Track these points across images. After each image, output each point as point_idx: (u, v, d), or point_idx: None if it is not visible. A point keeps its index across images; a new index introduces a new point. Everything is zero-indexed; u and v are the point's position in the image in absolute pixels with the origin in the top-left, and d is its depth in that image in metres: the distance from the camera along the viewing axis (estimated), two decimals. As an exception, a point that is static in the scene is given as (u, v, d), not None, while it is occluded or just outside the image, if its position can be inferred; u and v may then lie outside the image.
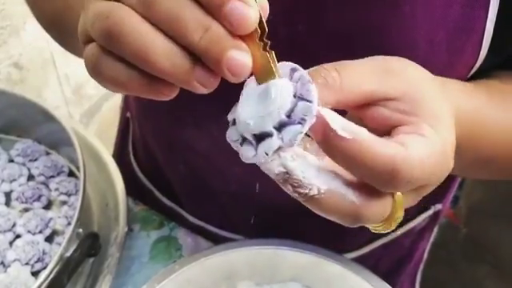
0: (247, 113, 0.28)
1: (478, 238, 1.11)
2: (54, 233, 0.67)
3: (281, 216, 0.62)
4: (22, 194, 0.69)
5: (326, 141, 0.28)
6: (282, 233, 0.64)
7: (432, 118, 0.31)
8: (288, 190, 0.29)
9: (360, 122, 0.33)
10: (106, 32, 0.27)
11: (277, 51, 0.29)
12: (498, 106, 0.45)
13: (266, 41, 0.27)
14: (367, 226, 0.32)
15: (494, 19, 0.44)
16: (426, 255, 0.79)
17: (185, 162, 0.65)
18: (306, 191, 0.28)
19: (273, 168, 0.28)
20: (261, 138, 0.28)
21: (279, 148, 0.28)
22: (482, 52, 0.46)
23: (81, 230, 0.58)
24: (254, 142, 0.28)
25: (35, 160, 0.74)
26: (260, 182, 0.60)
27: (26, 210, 0.68)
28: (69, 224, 0.67)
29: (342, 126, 0.27)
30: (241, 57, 0.26)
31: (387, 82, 0.31)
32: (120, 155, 0.83)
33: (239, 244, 0.60)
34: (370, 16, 0.44)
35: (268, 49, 0.28)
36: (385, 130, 0.32)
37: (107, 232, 0.66)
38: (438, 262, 0.93)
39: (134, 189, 0.76)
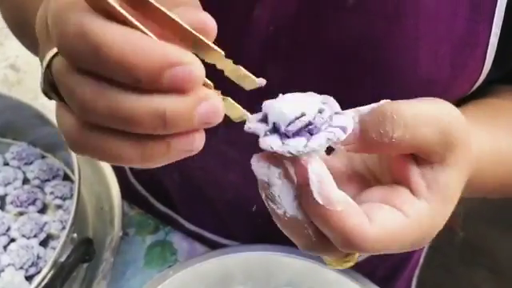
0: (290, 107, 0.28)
1: (475, 242, 1.11)
2: (49, 237, 0.66)
3: (275, 224, 0.61)
4: (16, 197, 0.69)
5: (302, 191, 0.28)
6: (278, 240, 0.64)
7: (440, 200, 0.30)
8: (261, 194, 0.30)
9: (379, 158, 0.33)
10: (76, 153, 0.26)
11: (278, 63, 0.28)
12: (506, 133, 0.45)
13: (227, 60, 0.26)
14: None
15: (499, 33, 0.44)
16: (421, 260, 0.79)
17: (180, 170, 0.65)
18: (274, 207, 0.29)
19: (259, 174, 0.29)
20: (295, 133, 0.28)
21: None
22: (485, 66, 0.46)
23: (75, 235, 0.58)
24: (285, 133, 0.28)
25: (30, 163, 0.74)
26: (256, 191, 0.60)
27: (21, 213, 0.68)
28: (64, 228, 0.66)
29: (319, 189, 0.27)
30: (210, 104, 0.24)
31: (443, 153, 0.30)
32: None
33: (234, 249, 0.60)
34: (372, 29, 0.44)
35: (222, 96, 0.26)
36: (397, 180, 0.31)
37: (102, 236, 0.66)
38: (436, 265, 0.93)
39: (128, 195, 0.75)
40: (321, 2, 0.44)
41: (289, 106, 0.28)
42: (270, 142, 0.28)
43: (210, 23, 0.25)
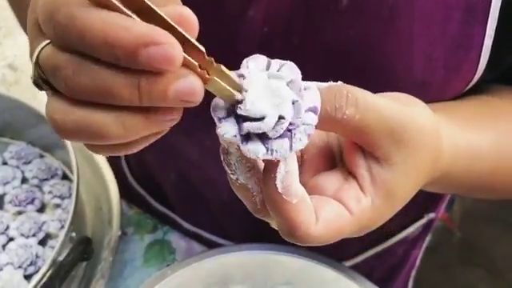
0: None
1: (472, 242, 1.11)
2: (48, 236, 0.66)
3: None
4: (15, 196, 0.69)
5: (266, 175, 0.29)
6: (272, 240, 0.64)
7: (383, 197, 0.32)
8: (221, 156, 0.31)
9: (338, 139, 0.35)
10: (60, 136, 0.27)
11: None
12: (489, 132, 0.46)
13: (208, 58, 0.25)
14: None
15: (493, 35, 0.44)
16: (418, 262, 0.79)
17: (176, 169, 0.65)
18: (228, 171, 0.31)
19: (221, 140, 0.29)
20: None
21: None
22: (479, 68, 0.46)
23: (74, 234, 0.58)
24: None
25: (29, 163, 0.74)
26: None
27: (20, 212, 0.68)
28: (62, 227, 0.66)
29: (282, 177, 0.28)
30: (185, 83, 0.24)
31: (390, 151, 0.31)
32: (113, 160, 0.83)
33: (232, 248, 0.60)
34: (366, 31, 0.44)
35: (216, 65, 0.26)
36: (349, 169, 0.33)
37: (100, 235, 0.66)
38: (433, 265, 0.93)
39: (127, 194, 0.75)
40: (315, 4, 0.44)
41: (263, 110, 0.27)
42: (255, 150, 0.27)
43: (186, 13, 0.25)
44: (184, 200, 0.70)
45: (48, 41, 0.26)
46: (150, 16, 0.24)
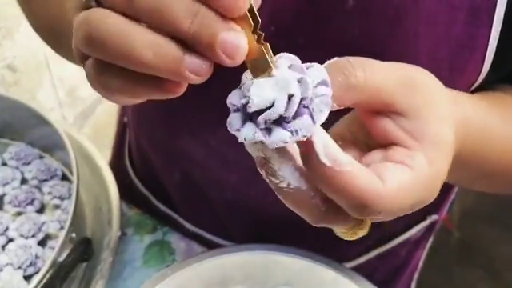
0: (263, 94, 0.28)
1: (471, 243, 1.12)
2: (47, 237, 0.66)
3: (276, 224, 0.62)
4: (15, 197, 0.69)
5: (307, 159, 0.28)
6: (277, 241, 0.64)
7: (431, 146, 0.31)
8: (262, 173, 0.29)
9: (362, 126, 0.34)
10: (86, 39, 0.26)
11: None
12: (503, 120, 0.45)
13: (259, 32, 0.26)
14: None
15: (497, 37, 0.44)
16: (421, 264, 0.79)
17: (180, 169, 0.65)
18: (277, 182, 0.28)
19: (254, 151, 0.29)
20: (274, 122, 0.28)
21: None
22: (483, 69, 0.46)
23: (74, 235, 0.58)
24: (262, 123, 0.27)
25: (28, 163, 0.74)
26: (255, 191, 0.60)
27: (19, 213, 0.68)
28: (62, 228, 0.66)
29: (325, 152, 0.27)
30: (235, 37, 0.25)
31: (408, 98, 0.31)
32: (117, 160, 0.83)
33: (232, 249, 0.60)
34: (371, 31, 0.44)
35: (262, 41, 0.27)
36: (383, 142, 0.32)
37: (100, 236, 0.66)
38: (432, 265, 0.93)
39: (129, 194, 0.75)
40: (321, 3, 0.44)
41: (269, 95, 0.27)
42: (281, 137, 0.27)
43: None
44: (187, 200, 0.70)
45: None
46: None
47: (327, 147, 0.28)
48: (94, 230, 0.68)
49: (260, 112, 0.27)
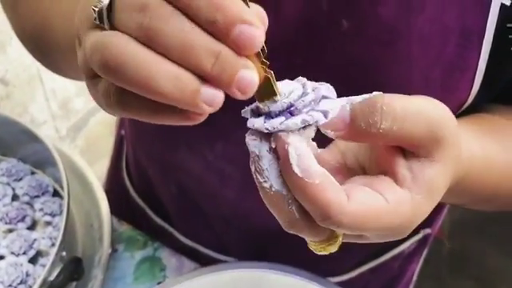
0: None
1: (463, 253, 1.12)
2: (38, 254, 0.66)
3: (271, 239, 0.62)
4: (6, 214, 0.69)
5: (282, 165, 0.30)
6: (272, 255, 0.65)
7: (424, 192, 0.32)
8: (251, 167, 0.31)
9: (367, 149, 0.35)
10: (104, 64, 0.26)
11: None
12: (499, 145, 0.46)
13: (265, 62, 0.28)
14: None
15: (487, 58, 0.45)
16: (415, 277, 0.79)
17: (177, 183, 0.66)
18: (261, 180, 0.30)
19: (251, 146, 0.30)
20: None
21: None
22: (473, 89, 0.47)
23: (64, 254, 0.58)
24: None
25: (20, 180, 0.74)
26: (251, 206, 0.61)
27: (10, 230, 0.68)
28: (53, 245, 0.66)
29: (297, 162, 0.29)
30: (249, 75, 0.27)
31: (429, 148, 0.31)
32: (114, 172, 0.83)
33: (224, 266, 0.60)
34: (366, 53, 0.45)
35: (267, 69, 0.28)
36: (383, 170, 0.33)
37: (91, 253, 0.66)
38: (424, 276, 0.94)
39: (126, 207, 0.76)
40: (317, 26, 0.46)
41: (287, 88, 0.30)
42: (254, 122, 0.30)
43: (263, 12, 0.28)
44: (183, 214, 0.70)
45: None
46: None
47: (300, 158, 0.29)
48: (85, 246, 0.68)
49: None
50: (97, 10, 0.28)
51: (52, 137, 1.32)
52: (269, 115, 0.30)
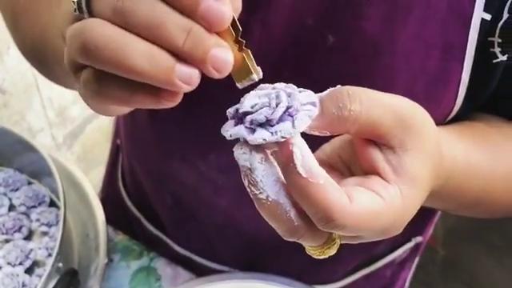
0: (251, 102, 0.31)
1: (455, 260, 1.13)
2: (35, 264, 0.67)
3: (266, 248, 0.63)
4: (2, 225, 0.70)
5: (285, 167, 0.30)
6: (265, 263, 0.66)
7: (408, 183, 0.32)
8: (244, 182, 0.31)
9: (351, 148, 0.35)
10: (81, 47, 0.27)
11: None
12: (483, 152, 0.47)
13: (241, 40, 0.29)
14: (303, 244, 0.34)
15: (469, 71, 0.47)
16: (407, 284, 0.80)
17: (171, 193, 0.66)
18: (257, 192, 0.30)
19: (241, 160, 0.30)
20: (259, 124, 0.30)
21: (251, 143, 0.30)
22: (457, 101, 0.48)
23: (61, 265, 0.59)
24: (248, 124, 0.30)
25: (16, 190, 0.74)
26: (245, 215, 0.62)
27: (7, 241, 0.69)
28: (49, 255, 0.67)
29: (302, 162, 0.29)
30: (223, 53, 0.27)
31: (401, 136, 0.32)
32: (110, 181, 0.84)
33: (216, 278, 0.61)
34: (351, 67, 0.46)
35: (244, 48, 0.29)
36: (367, 170, 0.33)
37: (87, 263, 0.67)
38: (417, 283, 0.95)
39: (121, 217, 0.76)
40: (304, 40, 0.47)
41: (259, 100, 0.30)
42: (261, 135, 0.29)
43: None
44: (178, 223, 0.71)
45: None
46: None
47: (305, 158, 0.29)
48: (81, 256, 0.68)
49: (249, 114, 0.30)
50: (76, 1, 0.29)
51: (49, 144, 1.33)
52: (250, 124, 0.30)
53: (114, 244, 0.73)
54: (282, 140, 0.29)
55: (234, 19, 0.28)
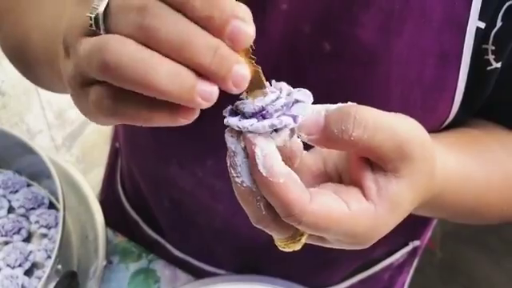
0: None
1: (453, 262, 1.14)
2: (34, 266, 0.67)
3: (263, 252, 0.63)
4: (2, 227, 0.70)
5: (251, 163, 0.31)
6: (262, 268, 0.66)
7: (387, 207, 0.33)
8: (227, 161, 0.32)
9: (346, 157, 0.36)
10: (103, 65, 0.27)
11: None
12: (476, 159, 0.48)
13: (253, 57, 0.30)
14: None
15: (465, 79, 0.47)
16: (406, 287, 0.80)
17: (169, 197, 0.67)
18: (235, 175, 0.32)
19: (228, 142, 0.32)
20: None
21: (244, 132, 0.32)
22: (453, 108, 0.49)
23: (60, 267, 0.59)
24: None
25: (16, 192, 0.75)
26: (243, 220, 0.62)
27: (6, 243, 0.69)
28: (48, 257, 0.67)
29: (263, 162, 0.31)
30: (243, 70, 0.28)
31: (396, 163, 0.32)
32: (109, 184, 0.84)
33: (214, 280, 0.61)
34: (347, 74, 0.47)
35: (255, 64, 0.30)
36: (354, 180, 0.34)
37: (86, 265, 0.67)
38: (415, 285, 0.95)
39: (120, 219, 0.76)
40: (300, 48, 0.47)
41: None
42: (229, 120, 0.32)
43: (250, 12, 0.29)
44: (176, 227, 0.71)
45: None
46: None
47: (266, 158, 0.31)
48: (80, 258, 0.69)
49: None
50: (93, 16, 0.29)
51: (48, 146, 1.33)
52: (243, 116, 0.32)
53: (113, 246, 0.73)
54: (237, 129, 0.31)
55: None
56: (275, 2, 0.45)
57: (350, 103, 0.33)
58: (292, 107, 0.32)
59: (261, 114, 0.31)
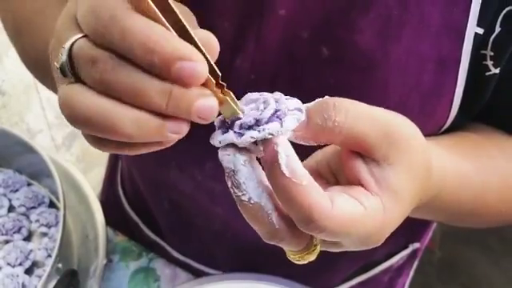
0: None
1: (452, 261, 1.14)
2: (34, 265, 0.67)
3: (262, 254, 0.63)
4: (2, 225, 0.70)
5: (270, 166, 0.30)
6: (262, 270, 0.66)
7: (391, 196, 0.33)
8: (228, 183, 0.32)
9: (339, 157, 0.36)
10: (73, 121, 0.28)
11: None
12: (473, 163, 0.48)
13: (222, 83, 0.29)
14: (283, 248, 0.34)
15: (464, 84, 0.47)
16: (406, 288, 0.81)
17: (169, 199, 0.67)
18: (239, 194, 0.31)
19: (225, 161, 0.31)
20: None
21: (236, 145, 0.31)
22: (452, 113, 0.49)
23: (60, 265, 0.59)
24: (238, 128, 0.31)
25: (16, 191, 0.75)
26: (242, 222, 0.62)
27: (7, 241, 0.69)
28: (49, 256, 0.67)
29: (286, 162, 0.30)
30: (207, 102, 0.28)
31: (385, 150, 0.32)
32: (109, 185, 0.84)
33: (215, 278, 0.61)
34: (345, 80, 0.47)
35: (226, 90, 0.30)
36: (351, 180, 0.34)
37: (86, 264, 0.67)
38: (415, 284, 0.95)
39: (120, 219, 0.77)
40: (298, 54, 0.47)
41: (246, 107, 0.31)
42: (250, 135, 0.30)
43: (213, 39, 0.29)
44: (175, 229, 0.71)
45: (81, 34, 0.29)
46: (181, 33, 0.28)
47: (289, 158, 0.30)
48: (81, 257, 0.69)
49: (238, 120, 0.31)
50: (58, 66, 0.29)
51: (48, 145, 1.33)
52: (239, 128, 0.31)
53: (113, 245, 0.73)
54: (270, 137, 0.30)
55: (211, 65, 0.29)
56: (273, 7, 0.45)
57: (326, 97, 0.33)
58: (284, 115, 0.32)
59: (276, 116, 0.31)
